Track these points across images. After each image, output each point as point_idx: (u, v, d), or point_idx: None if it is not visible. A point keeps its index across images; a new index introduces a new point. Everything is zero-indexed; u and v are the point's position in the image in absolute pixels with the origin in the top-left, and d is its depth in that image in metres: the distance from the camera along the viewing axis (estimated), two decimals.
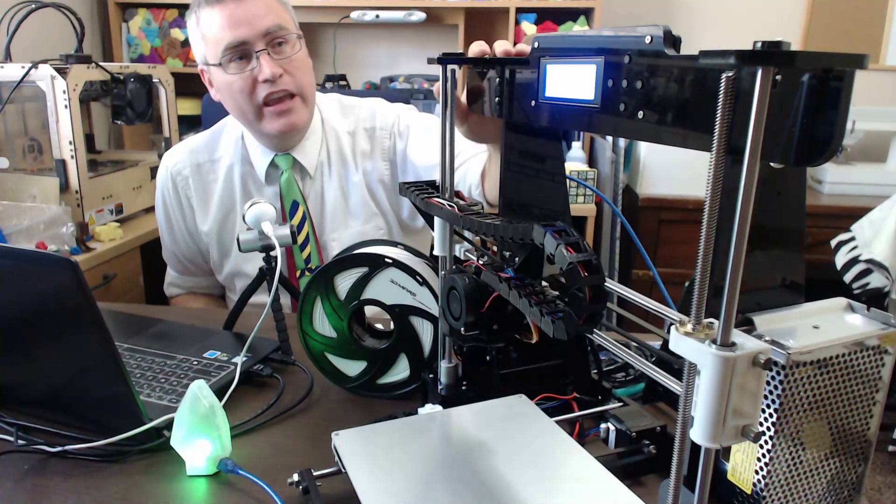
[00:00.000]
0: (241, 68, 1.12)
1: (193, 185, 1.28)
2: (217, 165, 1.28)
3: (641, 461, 0.68)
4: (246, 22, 1.10)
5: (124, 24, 2.54)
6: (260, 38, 1.11)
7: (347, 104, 1.32)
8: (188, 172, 1.28)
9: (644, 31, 0.51)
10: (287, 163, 1.24)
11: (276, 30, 1.11)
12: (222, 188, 1.27)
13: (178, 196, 1.30)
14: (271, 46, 1.12)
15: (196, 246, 1.33)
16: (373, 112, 1.29)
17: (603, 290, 0.50)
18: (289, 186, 1.25)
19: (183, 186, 1.29)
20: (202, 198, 1.29)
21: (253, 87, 1.13)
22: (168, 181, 1.30)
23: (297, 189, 1.25)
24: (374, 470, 0.61)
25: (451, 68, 0.69)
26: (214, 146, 1.29)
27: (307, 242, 1.27)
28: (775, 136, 0.41)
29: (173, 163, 1.29)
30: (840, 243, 1.95)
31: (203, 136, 1.31)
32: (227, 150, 1.28)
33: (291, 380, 0.88)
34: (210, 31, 1.12)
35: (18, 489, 0.67)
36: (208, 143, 1.30)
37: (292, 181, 1.25)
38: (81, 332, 0.71)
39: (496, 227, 0.60)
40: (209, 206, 1.28)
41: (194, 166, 1.28)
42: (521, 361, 0.79)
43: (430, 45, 2.67)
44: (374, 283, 0.82)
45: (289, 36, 1.14)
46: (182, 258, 1.35)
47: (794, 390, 0.49)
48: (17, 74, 1.45)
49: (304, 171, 1.25)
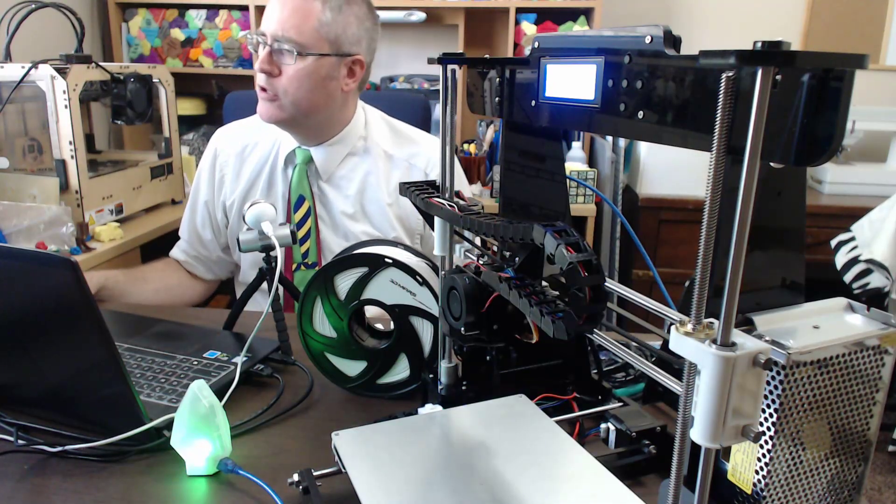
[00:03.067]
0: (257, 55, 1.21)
1: (233, 163, 1.34)
2: (259, 147, 1.34)
3: (641, 461, 0.68)
4: (269, 17, 1.18)
5: (124, 24, 2.54)
6: (270, 37, 1.17)
7: (399, 129, 1.38)
8: (231, 152, 1.35)
9: (644, 31, 0.51)
10: (302, 157, 1.29)
11: (282, 40, 1.17)
12: (256, 167, 1.33)
13: (212, 169, 1.36)
14: (274, 48, 1.18)
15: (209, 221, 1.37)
16: (418, 147, 1.34)
17: (603, 290, 0.51)
18: (298, 180, 1.29)
19: (222, 163, 1.35)
20: (236, 174, 1.34)
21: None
22: (210, 154, 1.37)
23: (307, 185, 1.29)
24: (374, 470, 0.61)
25: (451, 68, 0.69)
26: (260, 129, 1.35)
27: (308, 237, 1.29)
28: (775, 136, 0.41)
29: (222, 141, 1.37)
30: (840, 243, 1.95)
31: (255, 119, 1.37)
32: (269, 135, 1.34)
33: (291, 380, 0.88)
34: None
35: (18, 489, 0.67)
36: (256, 126, 1.36)
37: (303, 176, 1.29)
38: (81, 332, 0.71)
39: (496, 227, 0.60)
40: (239, 181, 1.34)
41: (239, 146, 1.35)
42: (521, 361, 0.79)
43: (430, 45, 2.67)
44: (375, 283, 0.82)
45: (290, 49, 1.17)
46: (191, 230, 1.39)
47: (794, 390, 0.49)
48: (17, 74, 1.44)
49: (317, 173, 1.29)
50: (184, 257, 1.39)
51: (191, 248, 1.39)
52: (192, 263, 1.39)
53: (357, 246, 0.89)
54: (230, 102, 1.73)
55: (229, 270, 1.43)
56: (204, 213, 1.37)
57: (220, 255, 1.39)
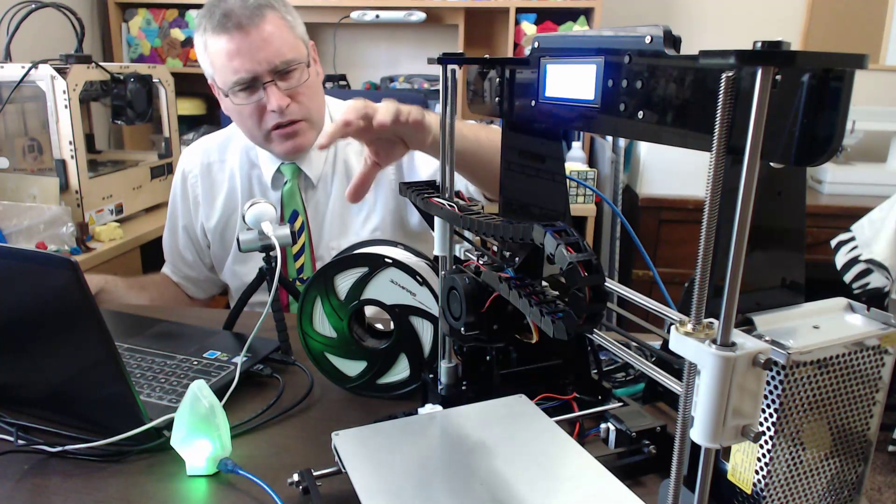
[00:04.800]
0: (249, 97, 1.13)
1: (202, 183, 1.31)
2: (226, 165, 1.31)
3: (641, 461, 0.68)
4: (252, 55, 1.09)
5: (124, 24, 2.54)
6: (267, 72, 1.11)
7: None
8: (198, 171, 1.31)
9: (644, 31, 0.51)
10: (291, 172, 1.26)
11: (284, 66, 1.12)
12: (229, 187, 1.30)
13: (185, 192, 1.33)
14: (279, 77, 1.13)
15: (191, 244, 1.35)
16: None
17: (603, 290, 0.50)
18: (291, 195, 1.26)
19: (192, 184, 1.32)
20: (209, 195, 1.31)
21: (261, 114, 1.15)
22: (179, 177, 1.34)
23: (300, 199, 1.26)
24: (374, 470, 0.61)
25: (451, 68, 0.69)
26: (226, 146, 1.32)
27: (302, 252, 1.28)
28: (775, 136, 0.41)
29: (187, 160, 1.34)
30: (840, 243, 1.95)
31: (218, 136, 1.35)
32: (237, 152, 1.30)
33: (291, 380, 0.88)
34: (217, 59, 1.12)
35: (18, 489, 0.67)
36: (221, 143, 1.33)
37: (295, 191, 1.26)
38: (81, 332, 0.71)
39: (496, 227, 0.60)
40: (215, 203, 1.31)
41: (205, 165, 1.31)
42: (521, 361, 0.79)
43: (430, 45, 2.67)
44: (374, 283, 0.82)
45: (298, 66, 1.14)
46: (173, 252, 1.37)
47: (794, 390, 0.49)
48: (17, 74, 1.45)
49: (308, 181, 1.27)
50: (175, 278, 1.37)
51: (177, 269, 1.37)
52: (184, 284, 1.38)
53: (357, 246, 0.89)
54: None
55: (222, 286, 1.41)
56: (184, 237, 1.35)
57: (207, 274, 1.37)
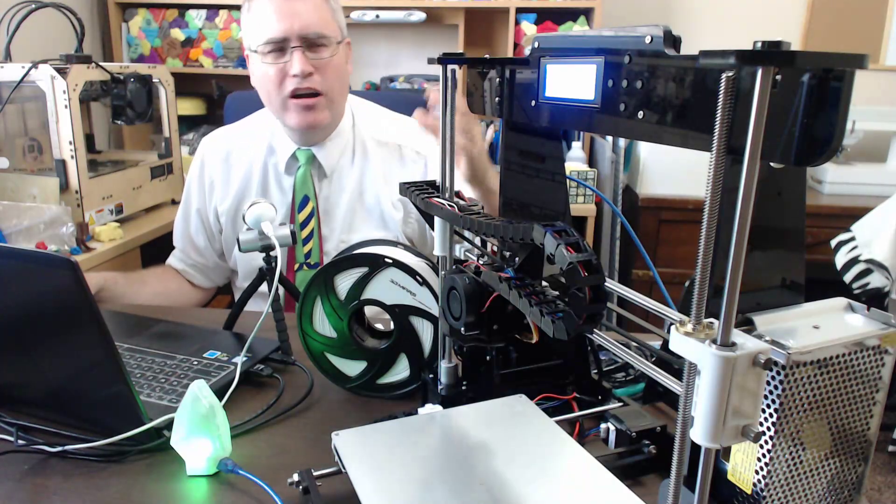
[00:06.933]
0: (276, 59, 1.18)
1: (220, 168, 1.34)
2: (245, 153, 1.33)
3: (641, 461, 0.68)
4: (289, 19, 1.16)
5: (124, 24, 2.54)
6: (297, 38, 1.16)
7: (385, 115, 1.38)
8: (217, 157, 1.34)
9: (644, 31, 0.51)
10: (306, 158, 1.28)
11: (315, 37, 1.17)
12: (245, 173, 1.32)
13: (201, 176, 1.35)
14: (308, 46, 1.17)
15: (203, 228, 1.36)
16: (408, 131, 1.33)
17: (603, 290, 0.50)
18: (303, 181, 1.29)
19: (210, 169, 1.35)
20: (225, 179, 1.34)
21: (282, 79, 1.19)
22: (197, 161, 1.37)
23: (311, 185, 1.29)
24: (374, 470, 0.61)
25: (451, 68, 0.69)
26: (247, 134, 1.35)
27: (310, 237, 1.29)
28: (775, 136, 0.41)
29: (207, 146, 1.37)
30: (840, 243, 1.95)
31: (240, 124, 1.38)
32: (257, 139, 1.33)
33: (291, 380, 0.88)
34: (258, 19, 1.18)
35: (18, 489, 0.67)
36: (242, 131, 1.36)
37: (307, 177, 1.28)
38: (81, 332, 0.71)
39: (496, 227, 0.60)
40: (230, 187, 1.33)
41: (224, 153, 1.34)
42: (521, 361, 0.79)
43: (430, 45, 2.66)
44: (374, 283, 0.82)
45: (328, 42, 1.18)
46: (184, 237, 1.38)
47: (794, 390, 0.49)
48: (17, 74, 1.44)
49: (322, 170, 1.29)
50: (181, 266, 1.38)
51: (186, 256, 1.38)
52: (190, 272, 1.38)
53: (357, 246, 0.89)
54: (230, 102, 1.73)
55: (226, 276, 1.43)
56: (197, 221, 1.36)
57: (216, 261, 1.39)
